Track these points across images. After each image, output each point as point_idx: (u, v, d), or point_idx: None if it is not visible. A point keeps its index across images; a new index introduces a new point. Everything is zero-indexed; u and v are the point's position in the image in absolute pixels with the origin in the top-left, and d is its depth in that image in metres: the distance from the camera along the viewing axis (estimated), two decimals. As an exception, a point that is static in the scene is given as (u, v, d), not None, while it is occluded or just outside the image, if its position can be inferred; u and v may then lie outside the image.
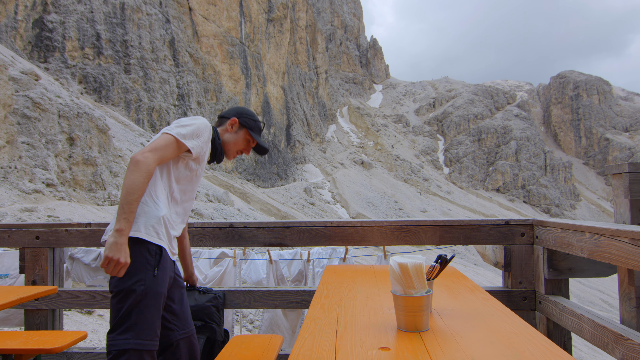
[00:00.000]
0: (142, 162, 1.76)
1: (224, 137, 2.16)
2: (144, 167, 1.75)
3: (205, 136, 1.99)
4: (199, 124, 1.97)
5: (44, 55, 37.09)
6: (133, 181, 1.74)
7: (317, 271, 3.60)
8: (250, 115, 2.22)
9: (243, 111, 2.24)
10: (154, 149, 1.82)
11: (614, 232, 1.64)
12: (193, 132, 1.92)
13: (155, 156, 1.81)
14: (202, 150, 1.99)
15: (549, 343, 1.14)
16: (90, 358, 2.60)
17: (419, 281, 1.26)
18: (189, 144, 1.90)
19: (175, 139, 1.87)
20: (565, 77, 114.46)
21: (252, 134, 2.18)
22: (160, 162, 1.85)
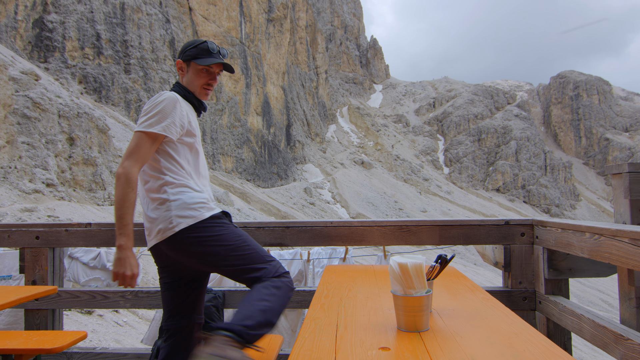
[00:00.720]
0: (120, 174, 1.77)
1: (185, 84, 2.04)
2: (123, 179, 1.76)
3: (176, 109, 1.88)
4: (161, 103, 1.86)
5: (44, 55, 37.09)
6: (117, 196, 1.77)
7: (317, 271, 3.60)
8: (189, 46, 2.04)
9: (183, 47, 2.07)
10: (129, 153, 1.80)
11: (614, 232, 1.64)
12: (159, 116, 1.84)
13: (133, 161, 1.79)
14: (181, 124, 1.90)
15: (549, 343, 1.14)
16: (90, 358, 2.60)
17: (419, 281, 1.26)
18: (161, 131, 1.83)
19: (145, 133, 1.82)
20: (565, 77, 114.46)
21: (199, 61, 1.99)
22: (143, 162, 1.81)
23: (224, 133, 50.12)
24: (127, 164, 1.78)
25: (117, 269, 1.75)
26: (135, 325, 7.93)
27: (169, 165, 1.90)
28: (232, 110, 52.22)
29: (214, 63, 2.01)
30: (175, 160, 1.90)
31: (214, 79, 2.04)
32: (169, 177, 1.88)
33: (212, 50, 2.03)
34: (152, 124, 1.82)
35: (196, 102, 2.04)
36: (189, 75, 2.02)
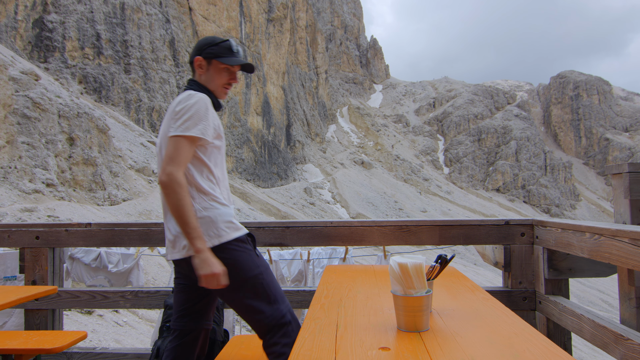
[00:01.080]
0: (167, 182, 1.70)
1: (203, 82, 1.97)
2: (172, 184, 1.70)
3: (209, 111, 1.83)
4: (195, 105, 1.80)
5: (44, 55, 37.09)
6: (173, 204, 1.70)
7: (317, 271, 3.60)
8: (210, 43, 1.96)
9: (202, 44, 1.98)
10: (170, 159, 1.73)
11: (614, 232, 1.64)
12: (195, 118, 1.77)
13: (176, 166, 1.72)
14: (214, 126, 1.86)
15: (549, 343, 1.14)
16: (90, 358, 2.60)
17: (419, 281, 1.26)
18: (199, 134, 1.78)
19: (184, 137, 1.76)
20: (565, 77, 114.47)
21: (224, 60, 1.94)
22: (184, 167, 1.76)
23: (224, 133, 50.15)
24: (170, 169, 1.71)
25: (204, 271, 1.69)
26: (135, 325, 7.93)
27: (198, 171, 1.85)
28: (232, 110, 52.24)
29: (240, 63, 1.97)
30: (206, 165, 1.86)
31: (234, 79, 2.01)
32: (198, 185, 1.83)
33: (233, 50, 1.99)
34: (189, 127, 1.76)
35: (215, 101, 1.98)
36: (209, 74, 1.95)
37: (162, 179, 1.72)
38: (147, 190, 24.91)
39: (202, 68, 1.96)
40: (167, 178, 1.70)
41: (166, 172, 1.71)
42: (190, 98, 1.82)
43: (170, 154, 1.74)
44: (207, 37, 2.00)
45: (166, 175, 1.71)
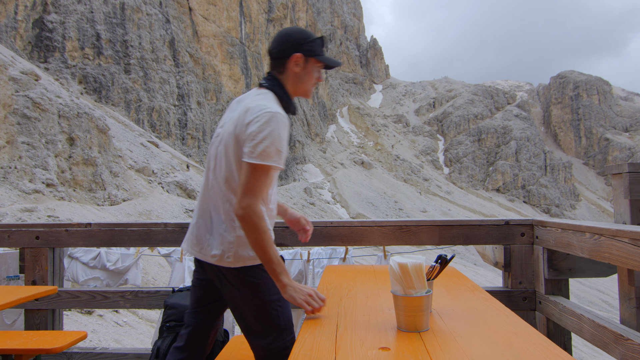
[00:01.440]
0: (244, 216, 1.54)
1: (292, 81, 1.74)
2: (249, 218, 1.54)
3: (286, 131, 1.63)
4: (277, 128, 1.58)
5: (44, 55, 37.11)
6: (254, 239, 1.56)
7: (317, 271, 3.60)
8: (307, 39, 1.72)
9: (298, 38, 1.72)
10: (248, 190, 1.55)
11: (614, 232, 1.64)
12: (277, 144, 1.58)
13: (254, 198, 1.55)
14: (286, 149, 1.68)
15: (549, 343, 1.14)
16: (90, 358, 2.60)
17: (419, 281, 1.26)
18: (280, 163, 1.60)
19: (266, 167, 1.57)
20: (565, 77, 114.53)
21: (320, 58, 1.74)
22: (264, 194, 1.61)
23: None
24: (250, 202, 1.54)
25: (300, 299, 1.52)
26: (135, 325, 7.93)
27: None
28: (232, 110, 52.29)
29: (338, 65, 1.82)
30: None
31: (321, 78, 1.81)
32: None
33: (323, 46, 1.78)
34: (270, 155, 1.56)
35: (292, 108, 1.76)
36: (304, 73, 1.74)
37: (238, 213, 1.55)
38: (147, 190, 24.92)
39: (299, 66, 1.73)
40: (244, 212, 1.54)
41: (243, 206, 1.54)
42: (271, 120, 1.58)
43: (248, 184, 1.56)
44: (299, 30, 1.75)
45: (243, 209, 1.54)
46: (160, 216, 22.07)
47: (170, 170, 29.94)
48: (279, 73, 1.74)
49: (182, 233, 2.56)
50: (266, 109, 1.59)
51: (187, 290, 2.51)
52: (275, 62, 1.74)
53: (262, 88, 1.73)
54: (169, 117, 43.36)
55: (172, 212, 23.11)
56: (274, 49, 1.73)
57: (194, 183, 29.84)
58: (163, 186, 27.05)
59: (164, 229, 2.57)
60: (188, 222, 2.61)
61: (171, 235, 2.57)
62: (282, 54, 1.71)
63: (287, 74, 1.74)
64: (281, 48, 1.72)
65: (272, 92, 1.71)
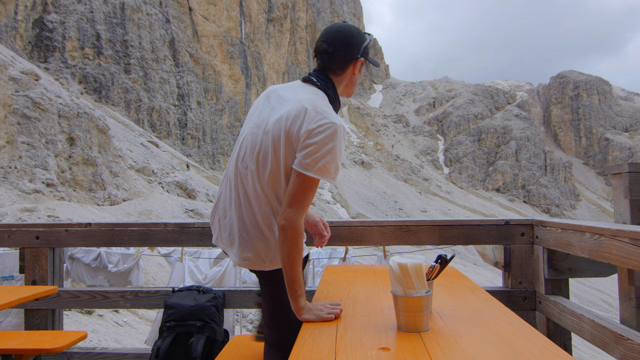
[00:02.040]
0: (287, 229, 1.46)
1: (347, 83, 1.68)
2: (290, 234, 1.46)
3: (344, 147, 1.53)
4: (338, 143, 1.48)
5: (44, 55, 37.11)
6: (287, 254, 1.48)
7: (317, 271, 3.61)
8: (367, 42, 1.66)
9: (360, 41, 1.63)
10: (295, 202, 1.47)
11: (614, 232, 1.64)
12: (338, 159, 1.49)
13: (300, 212, 1.47)
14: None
15: (549, 343, 1.14)
16: (90, 358, 2.60)
17: (419, 281, 1.26)
18: (334, 179, 1.50)
19: (317, 181, 1.48)
20: (565, 77, 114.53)
21: (372, 60, 1.71)
22: (308, 208, 1.53)
23: (224, 133, 50.14)
24: (292, 214, 1.47)
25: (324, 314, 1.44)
26: (135, 325, 7.93)
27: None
28: (232, 110, 52.25)
29: (378, 65, 1.79)
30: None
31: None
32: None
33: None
34: (327, 169, 1.47)
35: (337, 108, 1.67)
36: (358, 76, 1.69)
37: (280, 223, 1.47)
38: (147, 190, 24.92)
39: (359, 71, 1.68)
40: (287, 224, 1.46)
41: (286, 217, 1.46)
42: (335, 135, 1.48)
43: (295, 194, 1.47)
44: (359, 31, 1.65)
45: (286, 219, 1.46)
46: (160, 216, 22.07)
47: (170, 170, 29.94)
48: (335, 74, 1.65)
49: (182, 233, 2.56)
50: (330, 120, 1.49)
51: (187, 290, 2.51)
52: (335, 63, 1.62)
53: (314, 86, 1.62)
54: (169, 117, 43.36)
55: (172, 212, 23.11)
56: (337, 50, 1.60)
57: (194, 183, 29.84)
58: (163, 186, 27.05)
59: (164, 229, 2.57)
60: (188, 222, 2.61)
61: (171, 235, 2.57)
62: (347, 58, 1.62)
63: (344, 76, 1.66)
64: (347, 51, 1.61)
65: (326, 94, 1.62)
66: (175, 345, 2.31)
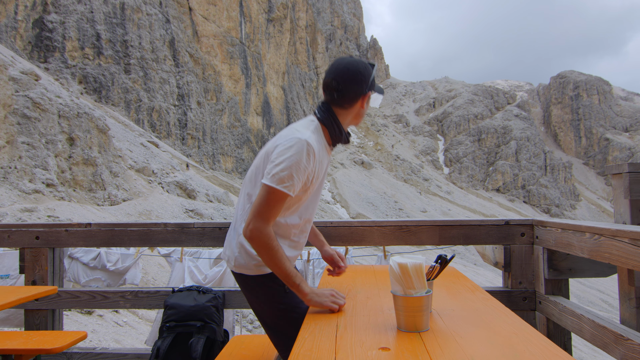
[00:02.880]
0: (254, 239, 1.56)
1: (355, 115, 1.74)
2: (257, 242, 1.56)
3: (309, 164, 1.60)
4: (294, 153, 1.56)
5: (44, 55, 37.10)
6: (266, 260, 1.58)
7: (317, 271, 3.61)
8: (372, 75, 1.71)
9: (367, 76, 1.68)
10: (258, 213, 1.56)
11: (614, 232, 1.64)
12: (294, 169, 1.56)
13: (264, 221, 1.56)
14: (309, 178, 1.64)
15: (549, 343, 1.14)
16: (90, 358, 2.60)
17: (419, 281, 1.26)
18: (290, 190, 1.57)
19: (279, 191, 1.56)
20: (565, 77, 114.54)
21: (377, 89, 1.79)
22: (274, 218, 1.60)
23: (224, 133, 50.14)
24: (258, 225, 1.56)
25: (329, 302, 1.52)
26: (135, 325, 7.93)
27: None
28: (232, 110, 52.25)
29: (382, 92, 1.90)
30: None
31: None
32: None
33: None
34: (283, 180, 1.55)
35: (344, 138, 1.76)
36: (365, 108, 1.75)
37: (246, 235, 1.57)
38: (147, 190, 24.92)
39: (366, 103, 1.75)
40: (252, 234, 1.56)
41: (250, 228, 1.56)
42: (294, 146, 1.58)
43: (259, 205, 1.57)
44: (365, 66, 1.70)
45: (250, 231, 1.56)
46: (160, 216, 22.07)
47: (170, 170, 29.94)
48: (340, 107, 1.70)
49: (182, 233, 2.56)
50: (295, 135, 1.60)
51: (187, 290, 2.51)
52: (343, 98, 1.68)
53: (315, 117, 1.73)
54: (169, 117, 43.36)
55: (172, 212, 23.11)
56: (344, 87, 1.66)
57: (194, 183, 29.84)
58: (163, 186, 27.05)
59: (164, 229, 2.57)
60: (188, 222, 2.62)
61: (171, 235, 2.57)
62: (354, 94, 1.67)
63: (352, 110, 1.72)
64: (356, 88, 1.67)
65: (323, 124, 1.70)
66: (175, 346, 2.31)
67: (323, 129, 1.71)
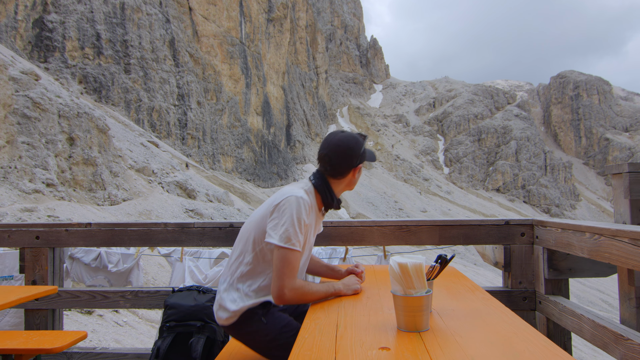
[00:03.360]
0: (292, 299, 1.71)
1: (347, 184, 1.90)
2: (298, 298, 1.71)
3: (308, 218, 1.76)
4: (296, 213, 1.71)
5: (44, 55, 37.09)
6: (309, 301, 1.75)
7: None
8: (363, 149, 1.88)
9: (357, 150, 1.84)
10: (282, 275, 1.70)
11: (614, 232, 1.64)
12: (295, 227, 1.70)
13: (289, 279, 1.70)
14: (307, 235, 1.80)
15: (549, 343, 1.14)
16: (90, 358, 2.60)
17: (419, 281, 1.26)
18: (299, 247, 1.73)
19: (290, 249, 1.70)
20: (565, 77, 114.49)
21: (368, 159, 1.93)
22: (296, 272, 1.74)
23: (224, 133, 50.13)
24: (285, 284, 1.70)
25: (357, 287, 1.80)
26: (135, 325, 7.93)
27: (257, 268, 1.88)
28: (232, 110, 52.23)
29: (374, 159, 1.97)
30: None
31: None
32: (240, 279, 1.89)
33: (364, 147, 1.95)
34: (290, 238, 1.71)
35: (335, 204, 1.90)
36: (357, 176, 1.91)
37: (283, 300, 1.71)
38: (147, 190, 24.91)
39: (358, 173, 1.91)
40: (285, 296, 1.70)
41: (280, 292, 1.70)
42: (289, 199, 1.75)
43: (279, 269, 1.71)
44: (356, 140, 1.86)
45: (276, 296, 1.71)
46: (160, 216, 22.07)
47: (170, 170, 29.94)
48: (334, 177, 1.85)
49: (182, 233, 2.56)
50: (292, 194, 1.75)
51: (187, 290, 2.51)
52: (335, 170, 1.84)
53: (309, 182, 1.88)
54: (169, 117, 43.35)
55: (172, 212, 23.11)
56: (337, 162, 1.82)
57: (194, 183, 29.84)
58: (163, 186, 27.05)
59: (164, 229, 2.57)
60: (188, 222, 2.62)
61: (171, 235, 2.57)
62: (345, 167, 1.83)
63: (344, 180, 1.88)
64: (347, 162, 1.82)
65: (316, 189, 1.86)
66: (175, 345, 2.31)
67: (316, 193, 1.86)
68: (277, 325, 1.85)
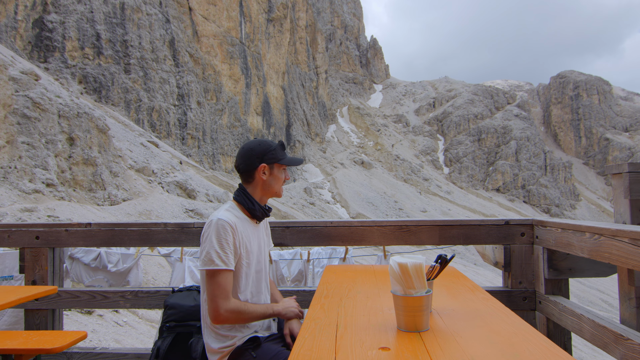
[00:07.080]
0: (227, 320, 1.79)
1: (262, 187, 1.94)
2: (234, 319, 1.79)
3: (229, 235, 1.79)
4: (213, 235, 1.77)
5: (44, 55, 37.08)
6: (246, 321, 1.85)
7: (317, 271, 3.60)
8: (269, 148, 1.93)
9: (261, 150, 1.92)
10: (214, 297, 1.76)
11: (614, 232, 1.64)
12: (216, 247, 1.76)
13: (223, 301, 1.76)
14: (237, 249, 1.82)
15: (549, 343, 1.14)
16: (90, 358, 2.60)
17: (419, 281, 1.26)
18: (225, 265, 1.78)
19: (216, 270, 1.76)
20: (565, 77, 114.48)
21: (283, 162, 1.96)
22: (230, 292, 1.79)
23: (224, 133, 50.13)
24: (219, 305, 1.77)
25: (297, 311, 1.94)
26: (135, 325, 7.93)
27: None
28: (232, 110, 52.22)
29: (293, 162, 2.00)
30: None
31: (287, 176, 2.03)
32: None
33: (284, 149, 2.01)
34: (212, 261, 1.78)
35: (258, 212, 1.94)
36: (271, 178, 1.94)
37: (218, 322, 1.80)
38: (147, 190, 24.91)
39: (265, 174, 1.93)
40: (222, 318, 1.78)
41: (215, 315, 1.77)
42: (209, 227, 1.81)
43: (212, 290, 1.77)
44: (260, 143, 1.94)
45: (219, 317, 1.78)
46: (160, 216, 22.06)
47: (170, 170, 29.94)
48: (248, 183, 1.95)
49: (182, 233, 2.56)
50: (210, 219, 1.83)
51: (187, 290, 2.51)
52: (244, 175, 1.94)
53: (233, 201, 1.97)
54: (169, 117, 43.34)
55: (172, 212, 23.11)
56: (241, 164, 1.93)
57: (194, 183, 29.84)
58: (163, 186, 27.04)
59: (164, 229, 2.57)
60: (188, 222, 2.62)
61: (171, 235, 2.57)
62: (249, 168, 1.92)
63: (256, 182, 1.94)
64: (248, 162, 1.92)
65: (236, 201, 1.95)
66: (175, 345, 2.31)
67: (238, 205, 1.93)
68: (267, 356, 1.88)
